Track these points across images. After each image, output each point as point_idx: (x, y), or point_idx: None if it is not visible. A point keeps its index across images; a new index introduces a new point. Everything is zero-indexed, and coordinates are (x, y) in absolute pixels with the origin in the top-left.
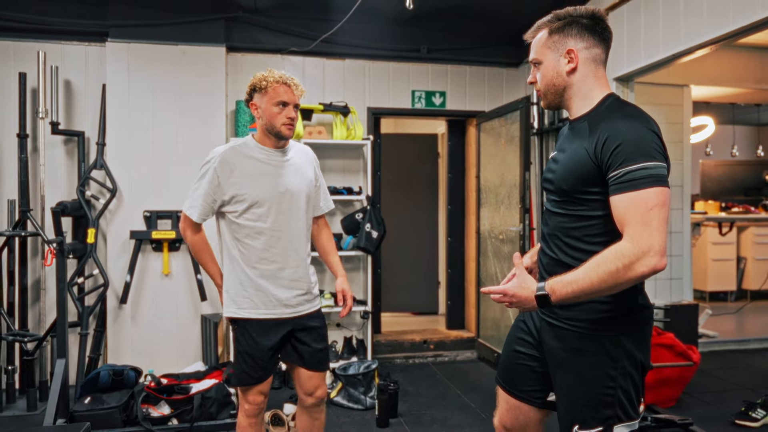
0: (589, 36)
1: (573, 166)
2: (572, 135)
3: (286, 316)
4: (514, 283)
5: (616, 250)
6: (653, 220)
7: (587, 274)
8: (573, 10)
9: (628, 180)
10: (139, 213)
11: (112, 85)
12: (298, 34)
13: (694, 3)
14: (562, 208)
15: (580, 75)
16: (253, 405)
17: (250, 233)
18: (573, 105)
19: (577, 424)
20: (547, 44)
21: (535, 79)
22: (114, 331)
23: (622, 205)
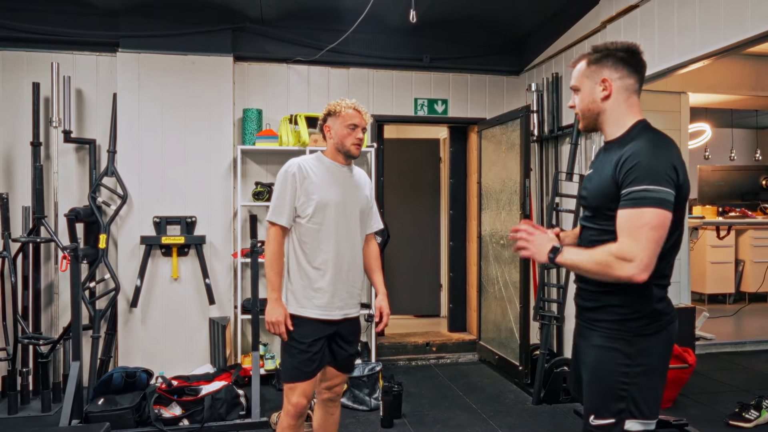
0: (623, 67)
1: (601, 185)
2: (604, 156)
3: (337, 318)
4: (538, 235)
5: (608, 247)
6: (642, 236)
7: (585, 256)
8: (610, 44)
9: (632, 198)
10: (149, 219)
11: (123, 94)
12: (303, 44)
13: (687, 20)
14: (593, 222)
15: (613, 102)
16: (297, 407)
17: (315, 237)
18: (607, 128)
19: (592, 414)
20: (585, 73)
21: (574, 103)
22: (125, 333)
23: (621, 219)
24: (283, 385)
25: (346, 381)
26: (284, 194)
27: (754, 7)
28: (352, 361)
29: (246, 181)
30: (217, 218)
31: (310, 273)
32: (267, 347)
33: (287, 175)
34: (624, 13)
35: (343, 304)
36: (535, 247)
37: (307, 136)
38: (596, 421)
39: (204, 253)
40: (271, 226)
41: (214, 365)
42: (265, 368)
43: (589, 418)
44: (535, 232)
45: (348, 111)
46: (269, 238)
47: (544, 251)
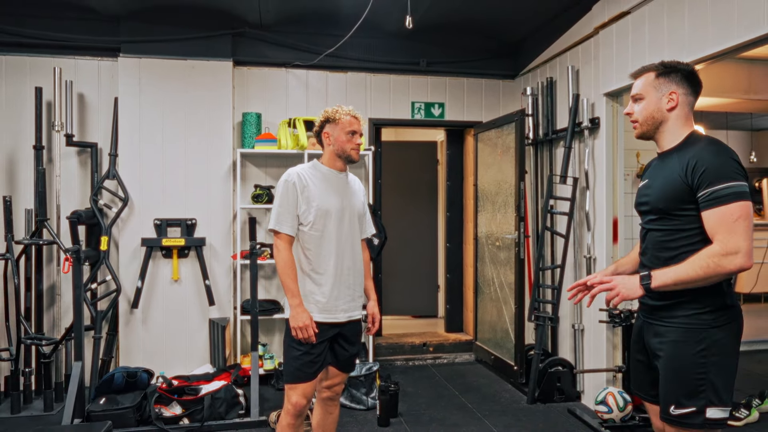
0: (687, 85)
1: (667, 189)
2: (662, 165)
3: (341, 320)
4: (617, 277)
5: (708, 251)
6: (738, 228)
7: (684, 268)
8: (677, 63)
9: (715, 197)
10: (150, 221)
11: (124, 98)
12: (302, 49)
13: (677, 27)
14: (659, 225)
15: (676, 114)
16: (297, 407)
17: (317, 243)
18: (663, 138)
19: (673, 404)
20: (653, 84)
21: (633, 111)
22: (126, 334)
23: (712, 219)
24: (284, 385)
25: (345, 380)
26: (287, 203)
27: (740, 16)
28: (354, 361)
29: (245, 184)
30: (217, 220)
31: (314, 278)
32: (266, 347)
33: (288, 185)
34: (616, 19)
35: (347, 306)
36: (623, 288)
37: (305, 140)
38: (677, 411)
39: (204, 254)
40: (276, 236)
41: (213, 365)
42: (264, 368)
43: (669, 408)
44: (611, 278)
45: (346, 118)
46: (278, 247)
47: (634, 286)
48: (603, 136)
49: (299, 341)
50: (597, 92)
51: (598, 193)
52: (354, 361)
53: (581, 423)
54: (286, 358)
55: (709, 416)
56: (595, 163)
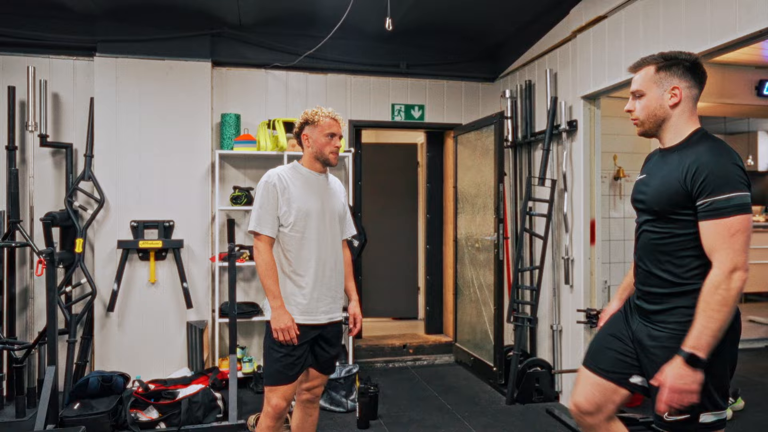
0: (691, 77)
1: (664, 191)
2: (662, 162)
3: (322, 322)
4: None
5: (711, 283)
6: (736, 243)
7: (707, 316)
8: (678, 53)
9: (715, 209)
10: (126, 223)
11: (100, 98)
12: (281, 50)
13: (652, 31)
14: (653, 226)
15: (679, 110)
16: (276, 409)
17: (297, 244)
18: (666, 135)
19: (667, 411)
20: (654, 79)
21: (634, 108)
22: (101, 338)
23: (710, 231)
24: (264, 387)
25: (325, 382)
26: (267, 204)
27: (713, 21)
28: (334, 363)
29: (224, 185)
30: (195, 222)
31: (294, 279)
32: (245, 350)
33: (268, 186)
34: (593, 23)
35: (328, 308)
36: (684, 388)
37: (285, 141)
38: (671, 418)
39: (182, 257)
40: (257, 238)
41: (191, 369)
42: (242, 371)
43: (664, 414)
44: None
45: (326, 120)
46: (258, 249)
47: (685, 373)
48: (580, 138)
49: (280, 343)
50: (575, 95)
51: (576, 195)
52: (334, 363)
53: (560, 423)
54: (267, 360)
55: (702, 421)
56: (572, 165)
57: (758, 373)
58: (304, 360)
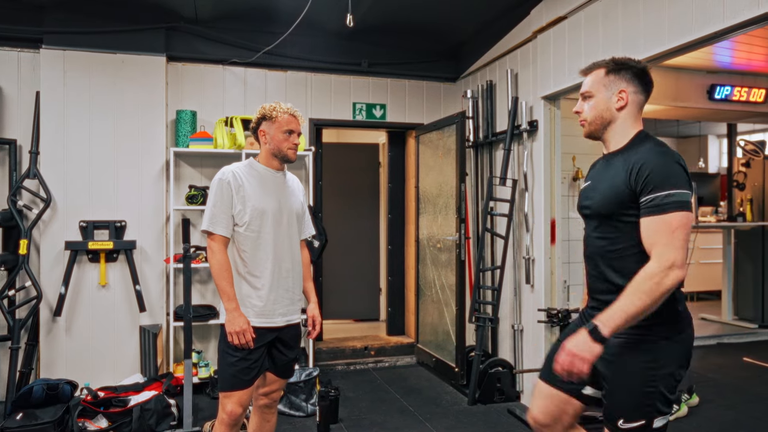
0: (638, 83)
1: (610, 193)
2: (607, 167)
3: (279, 324)
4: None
5: (645, 273)
6: (676, 240)
7: (628, 301)
8: (629, 60)
9: (655, 205)
10: (75, 223)
11: (47, 92)
12: (240, 46)
13: (611, 32)
14: (602, 232)
15: (625, 113)
16: (232, 416)
17: (253, 244)
18: (611, 138)
19: (622, 419)
20: (603, 82)
21: (582, 109)
22: (47, 344)
23: (650, 227)
24: (219, 393)
25: (284, 387)
26: (221, 203)
27: (671, 23)
28: (292, 366)
29: (179, 184)
30: (149, 223)
31: (250, 281)
32: (201, 355)
33: (222, 183)
34: (553, 24)
35: (286, 310)
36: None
37: (243, 139)
38: (627, 425)
39: (134, 258)
40: (210, 237)
41: (144, 375)
42: (198, 376)
43: (618, 422)
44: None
45: (284, 116)
46: (212, 249)
47: (587, 345)
48: (541, 138)
49: (235, 347)
50: (535, 95)
51: (537, 195)
52: (293, 367)
53: (521, 423)
54: (221, 365)
55: (656, 426)
56: (533, 165)
57: (711, 370)
58: (260, 364)
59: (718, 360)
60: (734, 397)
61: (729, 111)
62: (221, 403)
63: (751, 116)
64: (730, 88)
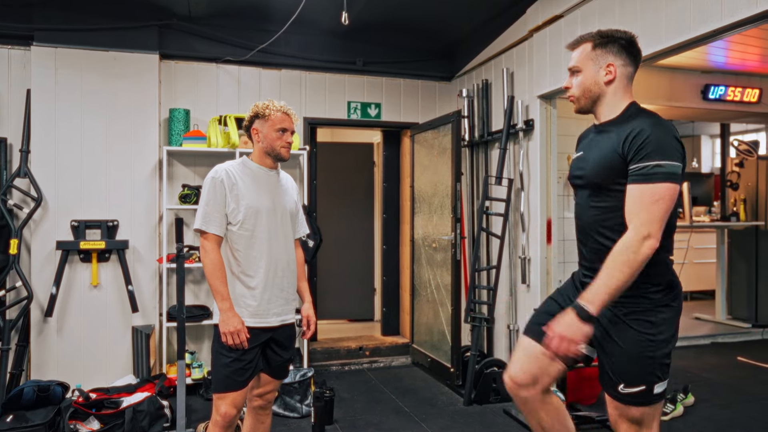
0: (626, 55)
1: (603, 162)
2: (599, 137)
3: (273, 324)
4: (553, 325)
5: (623, 244)
6: (656, 211)
7: (609, 275)
8: (615, 31)
9: (644, 174)
10: (67, 223)
11: (38, 90)
12: (233, 44)
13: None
14: (595, 201)
15: (614, 87)
16: (226, 418)
17: (247, 243)
18: (602, 111)
19: (622, 383)
20: (590, 56)
21: (571, 84)
22: (38, 345)
23: (634, 195)
24: (213, 395)
25: (278, 387)
26: (214, 201)
27: (668, 21)
28: (287, 367)
29: (172, 183)
30: (141, 222)
31: (244, 280)
32: (194, 355)
33: (215, 182)
34: (550, 22)
35: (280, 310)
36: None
37: (237, 138)
38: (627, 390)
39: (127, 258)
40: (203, 237)
41: (137, 376)
42: (192, 377)
43: (618, 387)
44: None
45: (277, 114)
46: (205, 248)
47: (576, 325)
48: (537, 137)
49: (229, 347)
50: (531, 94)
51: (533, 194)
52: (287, 367)
53: (517, 423)
54: (215, 366)
55: (656, 392)
56: (529, 164)
57: (705, 369)
58: (254, 365)
59: (712, 359)
60: (729, 396)
61: (723, 111)
62: (215, 404)
63: (745, 116)
64: (724, 88)
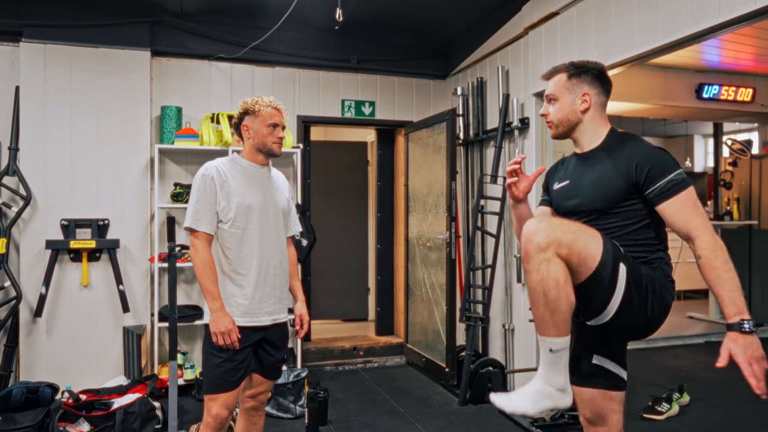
0: (599, 84)
1: (605, 189)
2: (587, 164)
3: (265, 323)
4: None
5: (707, 249)
6: (701, 210)
7: (727, 278)
8: (587, 62)
9: (673, 185)
10: (56, 221)
11: (27, 87)
12: (226, 41)
13: (604, 28)
14: (598, 224)
15: (590, 115)
16: (217, 419)
17: (238, 241)
18: (582, 138)
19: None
20: (566, 86)
21: (548, 111)
22: (27, 346)
23: (675, 206)
24: (204, 396)
25: (271, 388)
26: (204, 199)
27: (665, 19)
28: (280, 367)
29: (164, 182)
30: (133, 221)
31: (235, 279)
32: (186, 356)
33: (205, 179)
34: (545, 20)
35: (272, 309)
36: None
37: (229, 136)
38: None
39: (117, 257)
40: (193, 235)
41: (128, 377)
42: (183, 378)
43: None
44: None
45: (267, 110)
46: (195, 247)
47: (748, 343)
48: (532, 135)
49: (220, 348)
50: (527, 92)
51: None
52: (280, 368)
53: (512, 423)
54: (206, 367)
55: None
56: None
57: (699, 368)
58: (246, 365)
59: (706, 358)
60: (724, 395)
61: (717, 110)
62: (206, 406)
63: (738, 115)
64: (718, 88)
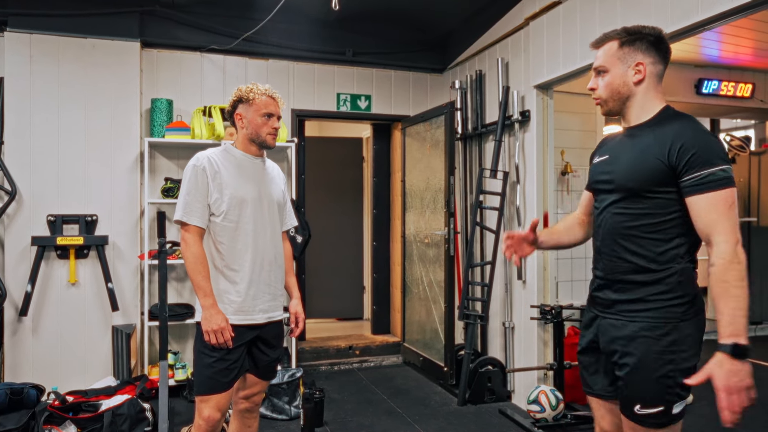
0: (655, 52)
1: (641, 167)
2: (631, 140)
3: (259, 321)
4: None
5: (723, 260)
6: (733, 216)
7: (732, 296)
8: (642, 27)
9: (708, 181)
10: (43, 217)
11: (11, 78)
12: (218, 32)
13: (609, 17)
14: (622, 207)
15: (644, 87)
16: (209, 422)
17: (231, 235)
18: (632, 113)
19: (638, 404)
20: (617, 55)
21: (597, 85)
22: (12, 346)
23: (704, 204)
24: (195, 397)
25: (265, 389)
26: (196, 191)
27: (674, 4)
28: (275, 367)
29: (154, 176)
30: (122, 217)
31: (228, 275)
32: (177, 356)
33: (197, 170)
34: (547, 9)
35: (267, 306)
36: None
37: (222, 129)
38: (644, 411)
39: (106, 254)
40: (184, 228)
41: (117, 377)
42: (175, 378)
43: (635, 407)
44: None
45: (262, 98)
46: (186, 241)
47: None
48: (533, 129)
49: (212, 347)
50: (527, 85)
51: (529, 187)
52: (275, 368)
53: (513, 423)
54: (198, 367)
55: (675, 412)
56: (525, 156)
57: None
58: (240, 365)
59: (707, 357)
60: None
61: (716, 105)
62: (198, 407)
63: (738, 111)
64: (717, 83)
